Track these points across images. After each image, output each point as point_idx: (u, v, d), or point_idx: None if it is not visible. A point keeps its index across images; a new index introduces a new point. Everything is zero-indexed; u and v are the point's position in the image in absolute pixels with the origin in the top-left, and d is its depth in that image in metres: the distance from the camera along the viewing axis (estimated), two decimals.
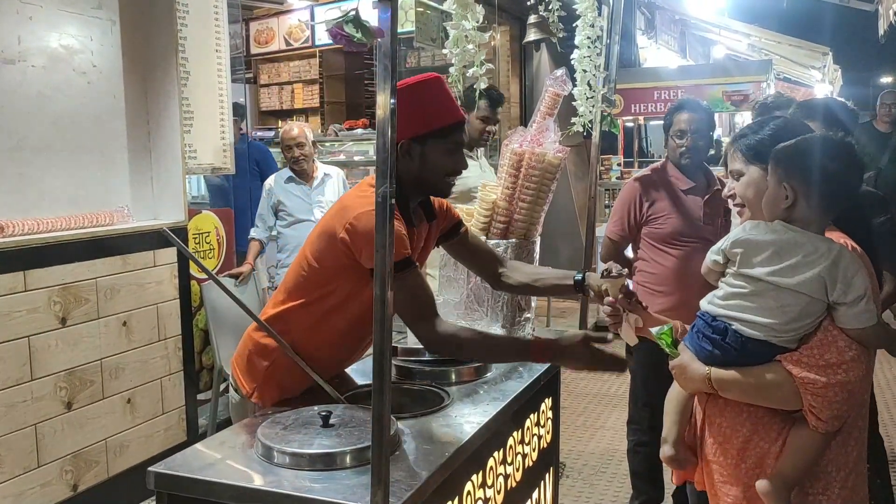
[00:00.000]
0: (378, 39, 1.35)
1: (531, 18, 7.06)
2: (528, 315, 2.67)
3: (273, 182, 4.55)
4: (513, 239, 2.54)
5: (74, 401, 2.98)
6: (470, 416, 1.92)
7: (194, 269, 3.68)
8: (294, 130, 4.51)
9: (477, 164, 3.64)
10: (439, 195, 2.13)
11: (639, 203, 3.14)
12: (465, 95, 3.59)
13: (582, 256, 3.72)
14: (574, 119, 2.83)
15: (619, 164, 8.03)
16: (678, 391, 1.94)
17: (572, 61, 2.81)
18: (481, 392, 2.10)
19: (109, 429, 3.13)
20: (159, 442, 3.36)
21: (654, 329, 1.92)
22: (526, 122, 6.82)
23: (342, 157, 6.51)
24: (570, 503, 3.66)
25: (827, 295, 1.66)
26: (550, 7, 2.78)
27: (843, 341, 1.66)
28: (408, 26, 5.85)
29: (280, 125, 8.10)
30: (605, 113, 2.91)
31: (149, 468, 1.62)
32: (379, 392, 1.38)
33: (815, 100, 4.51)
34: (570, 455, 4.17)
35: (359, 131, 7.00)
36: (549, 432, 2.54)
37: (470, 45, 2.16)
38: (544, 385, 2.36)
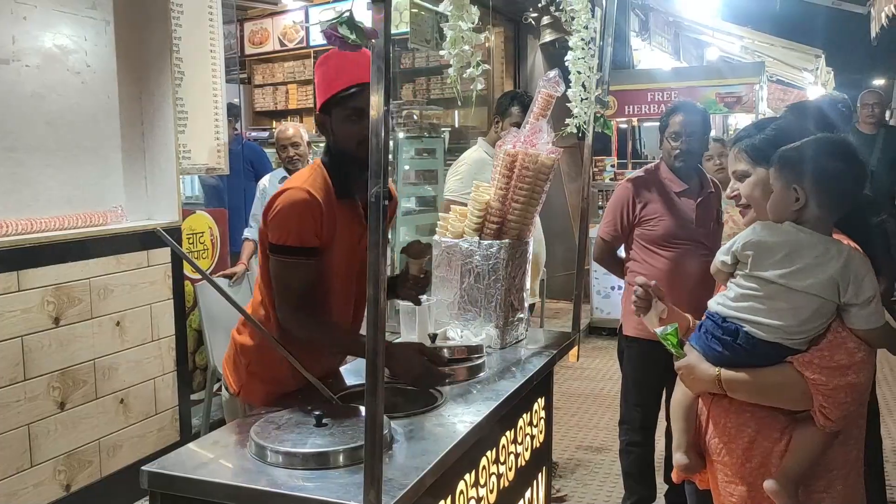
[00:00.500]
0: (372, 41, 1.36)
1: (545, 19, 7.06)
2: (522, 315, 2.68)
3: (267, 182, 4.55)
4: (506, 240, 2.55)
5: (68, 401, 2.97)
6: (463, 416, 1.92)
7: (188, 270, 3.68)
8: (289, 130, 4.52)
9: None
10: (361, 163, 2.00)
11: (631, 204, 3.16)
12: (499, 103, 3.64)
13: (575, 257, 3.73)
14: (568, 120, 2.84)
15: (612, 166, 8.04)
16: (683, 396, 1.94)
17: (566, 63, 2.82)
18: (474, 392, 2.11)
19: (102, 429, 3.12)
20: (152, 442, 3.36)
21: (658, 329, 1.91)
22: (519, 123, 6.83)
23: None
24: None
25: (839, 296, 1.67)
26: (562, 6, 2.78)
27: (852, 343, 1.67)
28: (402, 27, 5.86)
29: (274, 125, 8.09)
30: (599, 114, 2.91)
31: (142, 467, 1.62)
32: (372, 391, 1.38)
33: (806, 101, 4.54)
34: (563, 455, 4.18)
35: None
36: (541, 432, 2.55)
37: (466, 46, 2.16)
38: (537, 385, 2.37)
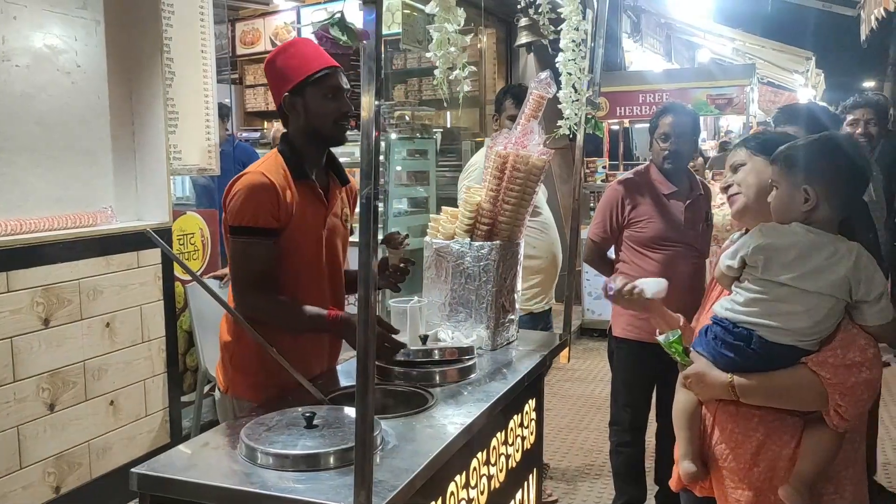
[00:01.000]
0: (363, 42, 1.35)
1: (522, 21, 7.07)
2: (513, 317, 2.68)
3: None
4: (497, 241, 2.55)
5: (57, 402, 2.96)
6: (454, 418, 1.92)
7: (178, 271, 3.66)
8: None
9: None
10: (335, 142, 2.23)
11: (620, 206, 3.16)
12: (496, 99, 3.69)
13: (566, 258, 3.73)
14: (560, 122, 2.84)
15: (604, 167, 8.06)
16: (686, 403, 1.91)
17: (557, 64, 2.82)
18: (465, 393, 2.11)
19: (92, 430, 3.11)
20: (143, 444, 3.35)
21: (661, 337, 1.90)
22: (514, 116, 6.82)
23: None
24: None
25: (851, 295, 1.67)
26: (540, 10, 2.78)
27: (863, 339, 1.68)
28: (394, 28, 5.86)
29: (266, 126, 8.08)
30: (590, 116, 2.92)
31: (132, 469, 1.61)
32: (362, 393, 1.38)
33: (797, 104, 4.54)
34: (553, 456, 4.18)
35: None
36: (532, 433, 2.55)
37: (452, 48, 2.16)
38: (528, 386, 2.37)
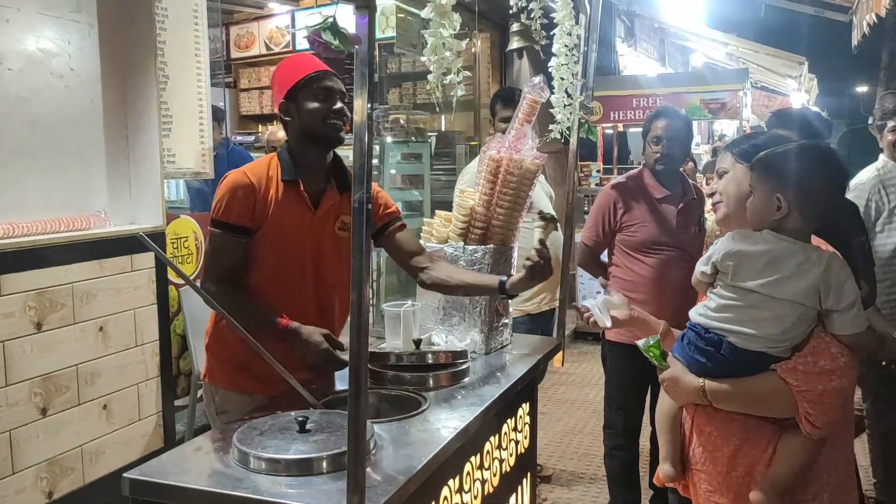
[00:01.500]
0: (356, 47, 1.36)
1: (514, 26, 7.09)
2: (507, 321, 2.69)
3: None
4: (491, 245, 2.55)
5: (50, 407, 2.95)
6: (447, 422, 1.92)
7: (172, 275, 3.66)
8: (280, 132, 4.56)
9: None
10: (330, 142, 2.25)
11: (613, 210, 3.17)
12: (490, 104, 3.76)
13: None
14: (552, 126, 2.85)
15: (598, 171, 8.08)
16: (669, 406, 1.93)
17: (550, 69, 2.83)
18: (459, 397, 2.11)
19: (85, 435, 3.10)
20: (136, 448, 3.33)
21: (640, 342, 1.91)
22: (506, 118, 6.83)
23: None
24: None
25: (820, 303, 1.67)
26: (532, 15, 2.79)
27: (835, 347, 1.67)
28: (389, 32, 5.87)
29: (260, 129, 8.08)
30: (583, 120, 2.93)
31: (124, 474, 1.61)
32: (355, 397, 1.38)
33: (790, 109, 4.56)
34: (548, 460, 4.18)
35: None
36: (526, 438, 2.55)
37: (447, 53, 2.17)
38: (522, 390, 2.37)
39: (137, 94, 3.40)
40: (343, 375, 2.28)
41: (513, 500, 2.43)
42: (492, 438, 2.23)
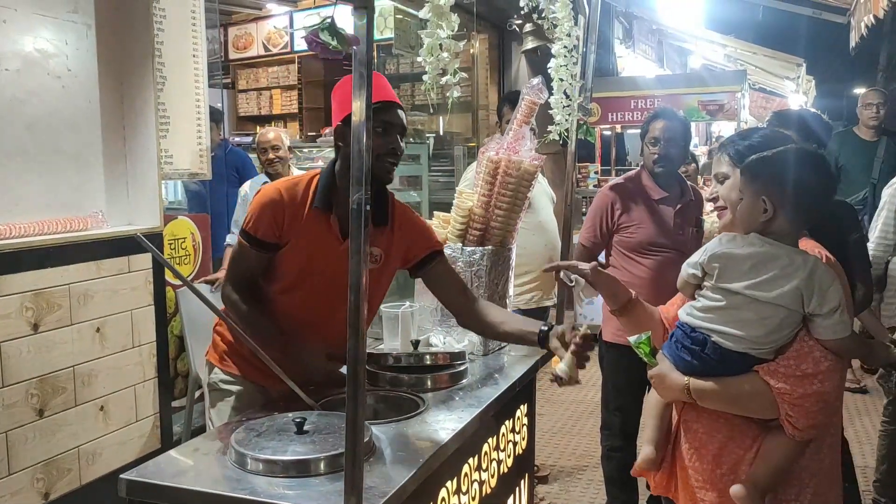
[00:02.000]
0: (353, 47, 1.36)
1: (527, 27, 7.08)
2: None
3: (248, 188, 4.55)
4: (489, 246, 2.55)
5: (46, 408, 2.94)
6: (445, 423, 1.92)
7: (169, 276, 3.65)
8: (270, 134, 4.56)
9: None
10: (378, 180, 2.10)
11: (610, 211, 3.17)
12: (497, 107, 3.75)
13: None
14: (550, 127, 2.85)
15: (596, 172, 8.08)
16: (655, 397, 1.96)
17: (548, 70, 2.83)
18: (457, 398, 2.11)
19: (82, 436, 3.09)
20: (133, 449, 3.33)
21: (632, 338, 1.91)
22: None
23: (321, 164, 6.50)
24: None
25: (803, 306, 1.68)
26: (544, 14, 2.80)
27: (818, 352, 1.68)
28: (387, 33, 5.87)
29: (258, 131, 8.08)
30: (582, 121, 2.93)
31: (120, 475, 1.60)
32: (353, 398, 1.38)
33: (790, 110, 4.56)
34: (546, 461, 4.18)
35: None
36: (524, 439, 2.55)
37: (445, 54, 2.17)
38: (520, 391, 2.37)
39: (135, 94, 3.40)
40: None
41: (511, 501, 2.42)
42: (490, 440, 2.22)
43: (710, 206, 2.05)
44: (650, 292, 3.07)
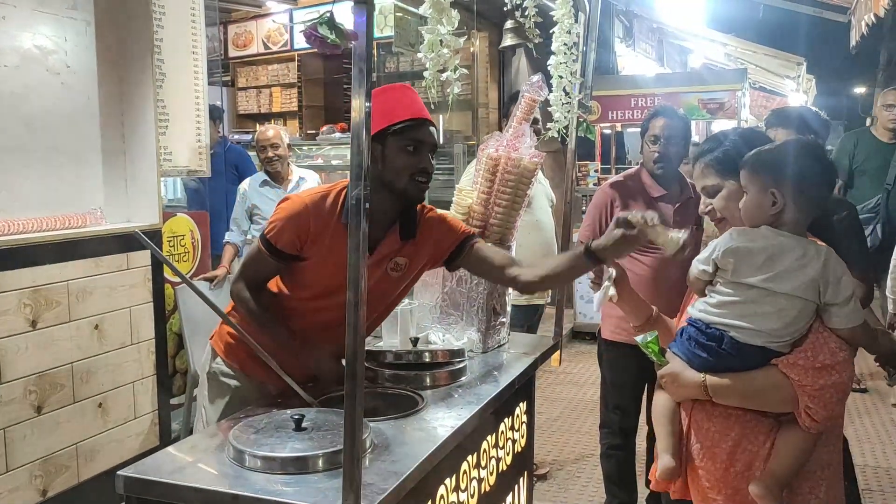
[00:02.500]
0: (352, 42, 1.35)
1: (507, 24, 7.09)
2: (504, 319, 2.68)
3: (247, 186, 4.55)
4: (489, 243, 2.55)
5: (45, 405, 2.94)
6: (444, 420, 1.92)
7: (168, 273, 3.65)
8: (269, 132, 4.55)
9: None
10: (408, 200, 2.09)
11: (610, 208, 3.17)
12: (505, 107, 3.69)
13: None
14: (549, 125, 2.85)
15: (596, 171, 8.07)
16: (666, 400, 1.93)
17: (548, 67, 2.83)
18: (456, 396, 2.11)
19: (80, 433, 3.09)
20: (131, 447, 3.32)
21: (638, 338, 1.91)
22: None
23: (320, 162, 6.50)
24: None
25: (819, 297, 1.70)
26: (527, 13, 2.79)
27: (834, 343, 1.70)
28: (387, 31, 5.87)
29: (257, 129, 8.07)
30: (582, 119, 2.92)
31: (118, 472, 1.60)
32: (351, 395, 1.38)
33: (789, 108, 4.53)
34: (545, 460, 4.18)
35: (336, 135, 6.98)
36: (523, 437, 2.55)
37: (445, 50, 2.16)
38: (519, 389, 2.37)
39: (134, 91, 3.39)
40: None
41: (509, 499, 2.42)
42: (489, 437, 2.22)
43: (707, 220, 2.04)
44: (650, 290, 3.07)
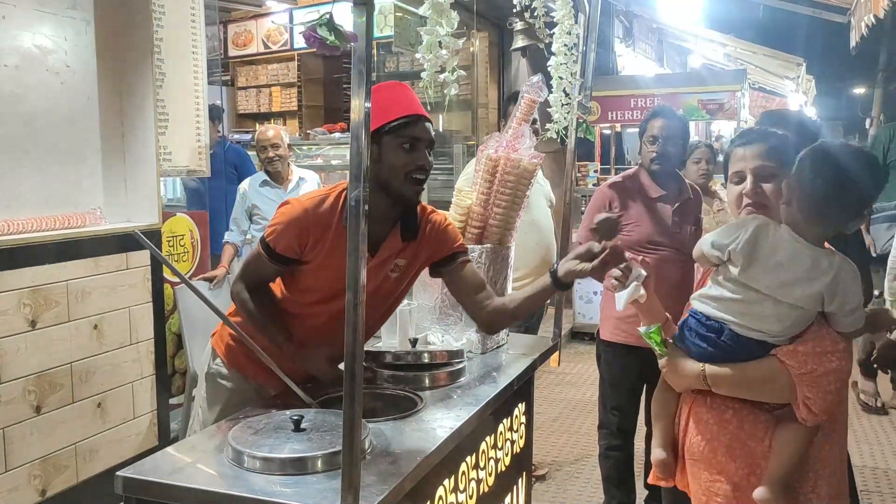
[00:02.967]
0: (352, 44, 1.35)
1: (517, 25, 7.08)
2: None
3: (247, 186, 4.54)
4: (488, 244, 2.55)
5: (44, 404, 2.94)
6: (443, 421, 1.92)
7: (168, 273, 3.65)
8: (269, 132, 4.54)
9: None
10: (406, 199, 2.07)
11: (608, 209, 3.17)
12: (504, 107, 3.71)
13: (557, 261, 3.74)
14: (549, 125, 2.85)
15: (595, 171, 8.08)
16: (665, 394, 1.96)
17: (549, 68, 2.83)
18: (454, 397, 2.11)
19: (79, 433, 3.09)
20: (130, 447, 3.32)
21: (641, 328, 1.93)
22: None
23: (320, 161, 6.50)
24: None
25: (823, 305, 1.70)
26: (536, 14, 2.79)
27: (835, 332, 1.72)
28: (387, 31, 5.86)
29: (257, 128, 8.07)
30: (581, 120, 2.93)
31: (117, 473, 1.60)
32: (350, 396, 1.38)
33: (783, 110, 4.52)
34: (543, 460, 4.18)
35: (336, 135, 6.98)
36: (522, 437, 2.55)
37: (443, 51, 2.16)
38: (518, 390, 2.37)
39: (134, 91, 3.39)
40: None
41: (508, 499, 2.42)
42: (487, 438, 2.22)
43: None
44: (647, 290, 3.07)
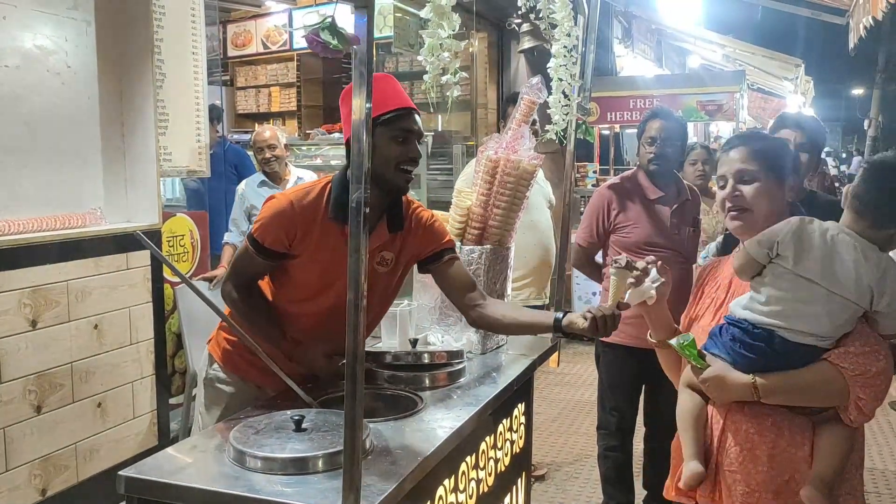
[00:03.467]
0: (354, 46, 1.36)
1: (524, 26, 7.08)
2: None
3: (245, 186, 4.55)
4: (487, 245, 2.56)
5: (44, 404, 2.94)
6: (443, 421, 1.92)
7: (168, 273, 3.65)
8: (266, 132, 4.54)
9: None
10: (396, 189, 2.09)
11: (607, 210, 3.18)
12: (504, 108, 3.71)
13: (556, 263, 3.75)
14: (548, 127, 2.86)
15: (594, 172, 8.09)
16: (691, 404, 1.87)
17: (548, 69, 2.84)
18: (454, 397, 2.11)
19: (79, 433, 3.09)
20: (130, 446, 3.33)
21: (673, 341, 1.85)
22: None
23: (319, 161, 6.50)
24: None
25: (871, 304, 1.68)
26: (542, 15, 2.80)
27: (875, 331, 1.72)
28: (386, 31, 5.86)
29: (256, 128, 8.07)
30: (581, 121, 2.94)
31: (120, 472, 1.61)
32: (351, 396, 1.38)
33: (799, 113, 4.53)
34: (543, 460, 4.19)
35: (335, 135, 6.98)
36: (521, 438, 2.56)
37: (445, 53, 2.17)
38: (517, 390, 2.37)
39: (134, 91, 3.40)
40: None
41: (508, 499, 2.43)
42: (487, 438, 2.23)
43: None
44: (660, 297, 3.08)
